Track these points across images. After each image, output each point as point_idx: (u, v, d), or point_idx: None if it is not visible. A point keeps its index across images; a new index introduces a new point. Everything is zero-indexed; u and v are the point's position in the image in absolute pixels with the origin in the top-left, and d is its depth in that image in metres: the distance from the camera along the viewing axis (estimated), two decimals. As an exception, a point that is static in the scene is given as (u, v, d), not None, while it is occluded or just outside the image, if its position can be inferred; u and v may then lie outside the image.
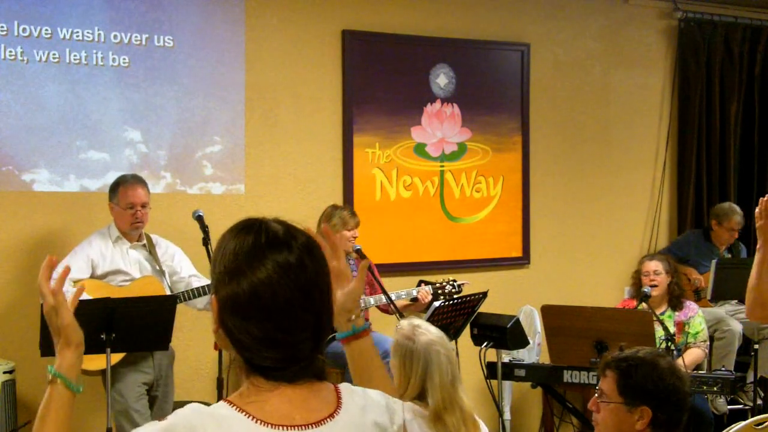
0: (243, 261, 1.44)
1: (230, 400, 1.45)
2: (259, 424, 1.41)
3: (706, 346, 5.39)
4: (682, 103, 6.86)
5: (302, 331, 1.45)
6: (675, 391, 2.56)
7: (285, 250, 1.45)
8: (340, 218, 5.15)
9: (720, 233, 6.30)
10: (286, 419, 1.43)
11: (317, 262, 1.48)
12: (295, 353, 1.45)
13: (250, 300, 1.42)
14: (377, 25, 5.70)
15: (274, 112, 5.42)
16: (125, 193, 4.46)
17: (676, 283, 5.41)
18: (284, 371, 1.44)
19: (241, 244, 1.46)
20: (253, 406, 1.43)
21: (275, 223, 1.51)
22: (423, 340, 2.95)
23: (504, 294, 6.00)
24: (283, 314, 1.43)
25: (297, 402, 1.45)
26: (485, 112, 6.09)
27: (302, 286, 1.44)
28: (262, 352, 1.43)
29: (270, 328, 1.42)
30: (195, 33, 5.18)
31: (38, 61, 4.79)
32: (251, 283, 1.42)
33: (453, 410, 2.87)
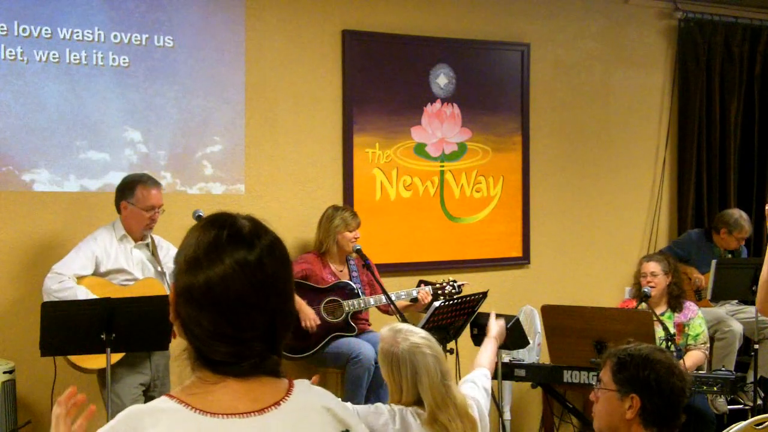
0: (202, 254, 1.46)
1: (171, 394, 1.47)
2: (198, 414, 1.43)
3: (706, 348, 5.38)
4: (682, 103, 6.86)
5: (253, 329, 1.46)
6: (667, 384, 2.59)
7: (246, 248, 1.46)
8: (341, 219, 5.16)
9: (728, 240, 6.25)
10: (228, 409, 1.44)
11: (278, 263, 1.49)
12: (243, 349, 1.45)
13: (204, 292, 1.44)
14: (377, 25, 5.70)
15: (274, 112, 5.42)
16: (147, 194, 4.43)
17: (675, 283, 5.40)
18: (232, 366, 1.46)
19: (204, 237, 1.48)
20: (194, 398, 1.45)
21: (244, 219, 1.51)
22: (405, 345, 2.95)
23: (504, 294, 6.00)
24: (235, 311, 1.44)
25: (241, 393, 1.46)
26: (485, 112, 6.09)
27: (257, 284, 1.45)
28: (211, 345, 1.45)
29: (220, 323, 1.44)
30: (195, 33, 5.18)
31: (38, 61, 4.79)
32: (207, 276, 1.44)
33: (446, 407, 2.88)
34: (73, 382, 4.55)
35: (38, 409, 4.70)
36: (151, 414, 1.44)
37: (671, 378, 2.61)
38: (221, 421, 1.43)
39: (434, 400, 2.87)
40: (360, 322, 5.17)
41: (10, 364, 4.42)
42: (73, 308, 4.01)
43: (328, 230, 5.16)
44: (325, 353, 5.04)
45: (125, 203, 4.45)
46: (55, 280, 4.25)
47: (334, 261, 5.22)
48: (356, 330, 5.10)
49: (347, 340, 5.03)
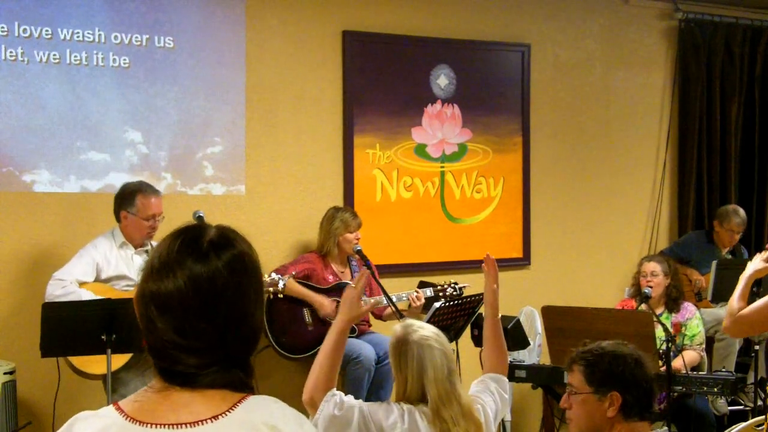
0: (157, 262, 1.48)
1: (116, 402, 1.49)
2: (126, 421, 1.44)
3: (702, 349, 5.38)
4: (683, 104, 6.86)
5: (199, 340, 1.45)
6: (640, 374, 2.65)
7: (201, 261, 1.46)
8: (341, 221, 5.15)
9: (721, 234, 6.31)
10: (156, 418, 1.44)
11: (235, 279, 1.48)
12: (200, 360, 1.45)
13: (157, 299, 1.46)
14: (378, 25, 5.70)
15: (274, 113, 5.42)
16: (146, 203, 4.42)
17: (674, 285, 5.40)
18: (182, 375, 1.45)
19: (163, 246, 1.50)
20: (131, 405, 1.47)
21: (214, 230, 1.52)
22: (415, 337, 2.96)
23: (504, 295, 5.91)
24: (182, 319, 1.45)
25: (179, 404, 1.45)
26: (486, 112, 6.09)
27: (207, 299, 1.45)
28: (162, 352, 1.46)
29: (168, 330, 1.45)
30: (195, 34, 5.18)
31: (39, 61, 4.79)
32: (157, 286, 1.46)
33: (450, 404, 2.88)
34: (78, 386, 4.57)
35: (39, 410, 4.70)
36: (86, 419, 1.47)
37: (642, 368, 2.67)
38: (147, 429, 1.43)
39: (438, 394, 2.87)
40: (361, 323, 5.17)
41: (11, 365, 4.42)
42: (74, 309, 4.01)
43: (329, 232, 5.16)
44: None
45: (125, 213, 4.44)
46: (57, 285, 4.24)
47: (336, 262, 5.22)
48: (357, 331, 5.10)
49: (348, 341, 5.00)
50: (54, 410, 4.45)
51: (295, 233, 5.44)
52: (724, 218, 6.31)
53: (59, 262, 4.56)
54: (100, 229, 4.69)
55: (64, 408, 4.56)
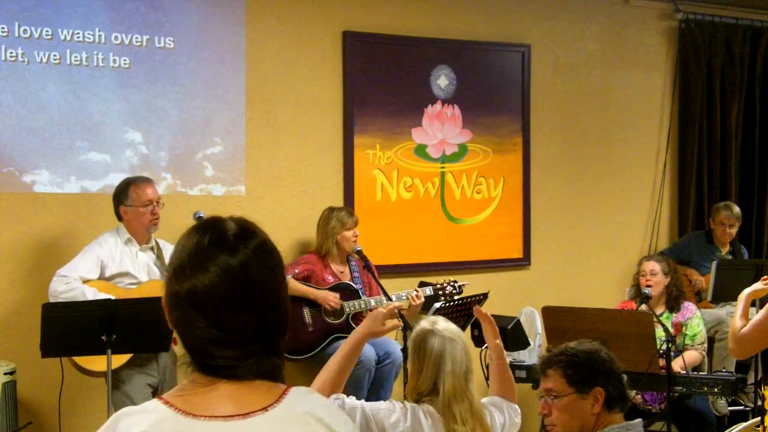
0: (187, 260, 1.48)
1: (161, 396, 1.49)
2: (180, 415, 1.43)
3: (703, 349, 5.38)
4: (683, 105, 6.86)
5: (241, 332, 1.46)
6: (616, 367, 2.70)
7: (228, 252, 1.47)
8: (337, 220, 5.16)
9: (716, 231, 6.36)
10: (210, 411, 1.44)
11: (264, 266, 1.50)
12: (238, 353, 1.46)
13: (189, 299, 1.46)
14: (378, 26, 5.70)
15: (274, 114, 5.42)
16: (141, 191, 4.44)
17: (674, 284, 5.40)
18: (224, 369, 1.46)
19: (191, 243, 1.50)
20: (180, 399, 1.46)
21: (232, 222, 1.53)
22: (440, 328, 2.98)
23: (505, 295, 6.00)
24: (221, 314, 1.45)
25: (228, 396, 1.46)
26: (486, 113, 6.09)
27: (242, 288, 1.46)
28: (203, 349, 1.46)
29: (209, 327, 1.45)
30: (196, 34, 5.18)
31: (39, 62, 4.79)
32: (191, 283, 1.46)
33: (462, 401, 2.89)
34: (80, 384, 4.57)
35: (39, 410, 4.70)
36: (135, 414, 1.45)
37: (613, 360, 2.72)
38: (201, 422, 1.43)
39: (453, 388, 2.88)
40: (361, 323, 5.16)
41: (11, 365, 4.42)
42: (74, 309, 4.01)
43: (326, 232, 5.16)
44: (325, 355, 5.03)
45: (123, 207, 4.46)
46: (61, 282, 4.25)
47: (335, 262, 5.22)
48: (357, 331, 5.09)
49: (348, 341, 5.01)
50: (59, 408, 4.45)
51: (295, 233, 5.44)
52: (714, 213, 6.39)
53: (59, 263, 4.56)
54: (100, 229, 4.69)
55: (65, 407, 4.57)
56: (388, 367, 5.12)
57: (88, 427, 4.78)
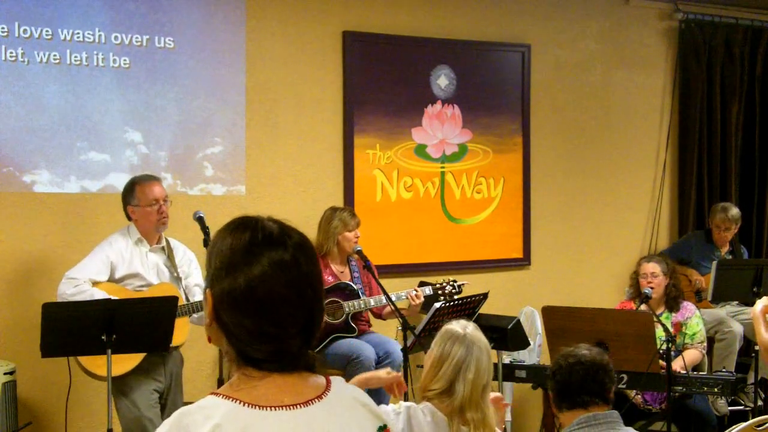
0: (239, 257, 1.50)
1: (217, 392, 1.51)
2: (246, 407, 1.47)
3: (703, 348, 5.39)
4: (683, 104, 6.86)
5: (294, 326, 1.51)
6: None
7: (280, 248, 1.51)
8: (340, 220, 5.15)
9: (713, 232, 6.35)
10: (274, 401, 1.49)
11: (310, 261, 1.55)
12: (286, 346, 1.51)
13: (245, 295, 1.48)
14: (378, 26, 5.71)
15: (274, 114, 5.43)
16: (147, 189, 4.39)
17: (673, 284, 5.41)
18: (275, 363, 1.51)
19: (237, 241, 1.52)
20: (241, 393, 1.49)
21: (269, 221, 1.57)
22: (473, 335, 2.97)
23: (505, 295, 6.00)
24: (277, 309, 1.49)
25: (286, 387, 1.51)
26: (486, 113, 6.09)
27: (295, 283, 1.51)
28: (255, 345, 1.50)
29: (264, 323, 1.49)
30: (196, 34, 5.18)
31: (39, 62, 4.79)
32: (247, 278, 1.48)
33: (477, 410, 2.88)
34: (85, 387, 4.57)
35: (39, 410, 4.70)
36: (202, 410, 1.47)
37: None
38: (269, 413, 1.48)
39: (471, 395, 2.87)
40: (360, 323, 5.17)
41: (11, 365, 4.42)
42: (74, 309, 4.00)
43: (328, 232, 5.16)
44: (325, 354, 5.03)
45: (131, 208, 4.41)
46: (69, 284, 4.21)
47: (335, 262, 5.22)
48: (357, 331, 5.10)
49: (348, 341, 5.02)
50: (66, 411, 4.44)
51: (296, 233, 5.44)
52: (712, 215, 6.40)
53: (59, 263, 4.56)
54: (99, 229, 4.69)
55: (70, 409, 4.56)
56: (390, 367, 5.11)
57: (90, 428, 4.78)
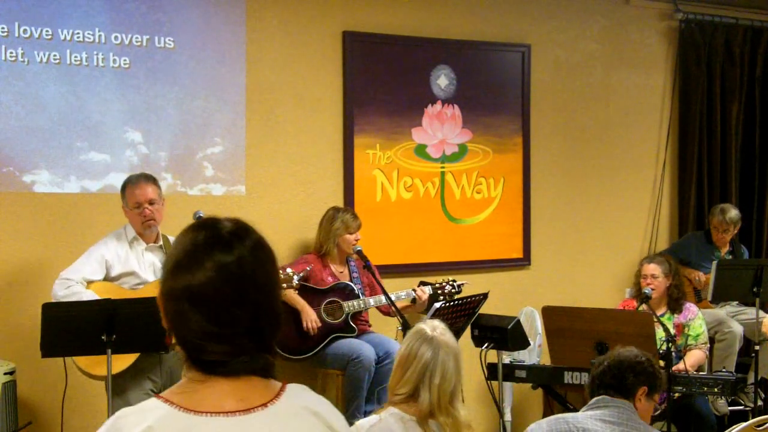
0: (183, 258, 1.51)
1: (159, 395, 1.50)
2: (182, 411, 1.45)
3: (706, 348, 5.39)
4: (683, 105, 6.86)
5: (236, 325, 1.48)
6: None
7: (223, 249, 1.50)
8: (342, 221, 5.16)
9: (712, 232, 6.35)
10: (213, 407, 1.46)
11: (259, 263, 1.53)
12: (231, 348, 1.48)
13: (185, 294, 1.48)
14: (378, 26, 5.71)
15: (274, 114, 5.43)
16: (132, 192, 4.42)
17: (675, 286, 5.39)
18: (221, 365, 1.48)
19: (184, 241, 1.53)
20: (180, 397, 1.48)
21: (228, 222, 1.55)
22: (440, 339, 2.90)
23: (505, 295, 6.00)
24: (216, 309, 1.48)
25: (229, 393, 1.48)
26: (486, 113, 6.09)
27: (237, 284, 1.49)
28: (199, 345, 1.48)
29: (204, 322, 1.47)
30: (196, 34, 5.18)
31: (39, 62, 4.79)
32: (187, 280, 1.48)
33: (447, 416, 2.82)
34: (82, 388, 4.57)
35: (39, 410, 4.70)
36: (137, 414, 1.47)
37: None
38: (205, 418, 1.45)
39: (438, 400, 2.81)
40: (360, 323, 5.17)
41: (11, 365, 4.42)
42: (74, 309, 4.00)
43: (329, 232, 5.16)
44: (325, 354, 5.04)
45: (123, 206, 4.47)
46: (62, 285, 4.24)
47: (335, 262, 5.22)
48: (356, 331, 5.10)
49: (347, 341, 5.03)
50: (62, 411, 4.45)
51: (296, 233, 5.45)
52: (710, 216, 6.40)
53: (59, 263, 4.56)
54: (100, 229, 4.70)
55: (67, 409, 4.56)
56: (387, 367, 5.10)
57: (88, 428, 4.78)
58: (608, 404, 3.08)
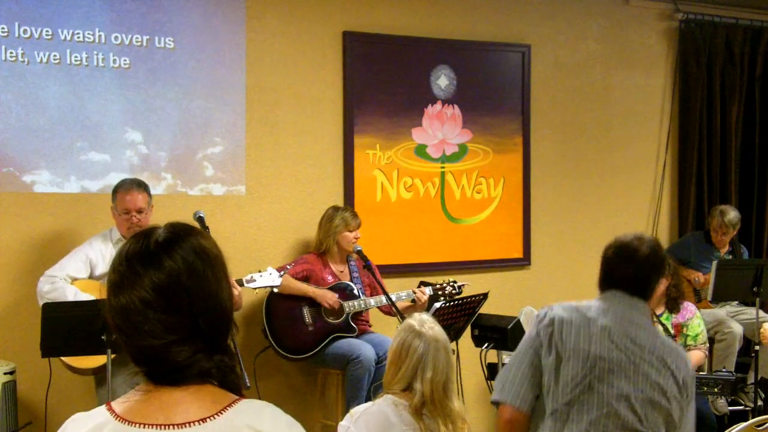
0: (116, 277, 1.50)
1: (109, 401, 1.52)
2: (116, 420, 1.47)
3: (706, 348, 5.38)
4: (683, 105, 6.86)
5: (172, 332, 1.46)
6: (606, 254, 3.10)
7: (153, 264, 1.48)
8: (341, 219, 5.16)
9: (711, 233, 6.35)
10: (145, 418, 1.45)
11: (193, 271, 1.49)
12: (169, 355, 1.46)
13: (124, 311, 1.48)
14: (378, 26, 5.71)
15: (274, 114, 5.43)
16: (122, 198, 4.47)
17: (674, 285, 5.38)
18: (165, 375, 1.48)
19: (118, 260, 1.52)
20: (121, 405, 1.49)
21: (162, 231, 1.53)
22: (429, 333, 2.94)
23: (505, 295, 6.00)
24: (153, 322, 1.46)
25: (168, 404, 1.46)
26: (486, 113, 6.09)
27: (171, 296, 1.47)
28: (140, 356, 1.49)
29: (146, 335, 1.46)
30: (196, 34, 5.18)
31: (39, 62, 4.79)
32: (124, 297, 1.48)
33: (443, 407, 2.86)
34: (69, 382, 4.57)
35: (39, 409, 4.70)
36: (81, 419, 1.51)
37: (609, 250, 3.10)
38: (134, 429, 1.45)
39: (431, 394, 2.85)
40: (360, 323, 5.18)
41: (11, 365, 4.42)
42: (74, 309, 4.01)
43: (329, 230, 5.17)
44: (325, 354, 5.04)
45: (112, 208, 4.53)
46: (47, 282, 4.32)
47: (335, 261, 5.22)
48: (357, 331, 5.10)
49: (348, 341, 5.03)
50: (46, 407, 4.47)
51: (296, 233, 5.45)
52: (710, 217, 6.40)
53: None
54: (100, 229, 4.70)
55: (57, 406, 4.58)
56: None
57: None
58: (623, 301, 2.92)
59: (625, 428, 2.58)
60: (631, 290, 2.88)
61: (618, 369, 2.65)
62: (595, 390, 2.62)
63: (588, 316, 2.77)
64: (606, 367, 2.65)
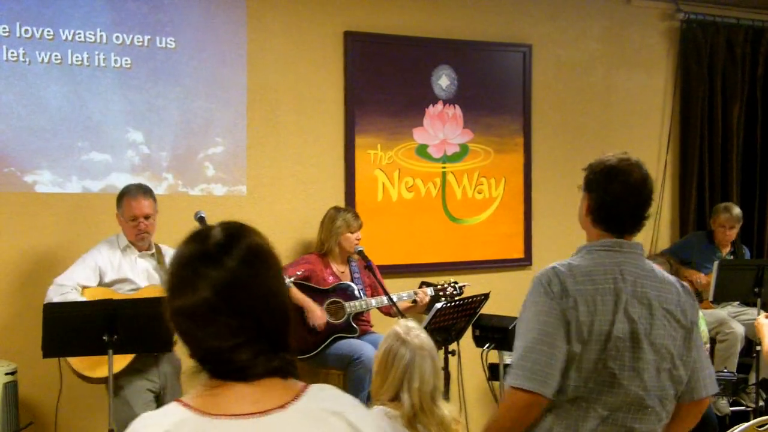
0: (176, 280, 1.52)
1: (179, 399, 1.52)
2: (199, 415, 1.47)
3: (707, 349, 5.39)
4: (684, 104, 6.86)
5: (242, 335, 1.49)
6: (608, 186, 2.80)
7: (213, 265, 1.49)
8: (343, 220, 5.16)
9: (716, 232, 6.35)
10: (229, 410, 1.47)
11: (254, 272, 1.51)
12: (244, 355, 1.49)
13: (186, 314, 1.50)
14: (379, 26, 5.70)
15: (276, 114, 5.43)
16: (129, 204, 4.44)
17: (675, 285, 5.39)
18: (233, 372, 1.50)
19: (177, 261, 1.53)
20: (199, 400, 1.49)
21: (218, 232, 1.54)
22: (415, 342, 2.91)
23: (506, 295, 5.97)
24: (219, 324, 1.48)
25: (245, 395, 1.49)
26: (487, 113, 6.09)
27: (233, 297, 1.49)
28: (207, 357, 1.51)
29: (211, 337, 1.49)
30: (197, 34, 5.18)
31: (40, 62, 4.79)
32: (184, 300, 1.49)
33: (432, 415, 2.83)
34: (79, 389, 4.57)
35: (40, 410, 4.70)
36: (160, 416, 1.49)
37: (612, 182, 2.76)
38: (221, 422, 1.46)
39: (421, 404, 2.82)
40: (362, 323, 5.17)
41: (13, 365, 4.42)
42: (75, 309, 4.01)
43: (330, 231, 5.17)
44: (326, 354, 5.04)
45: (118, 214, 4.49)
46: (57, 291, 4.26)
47: (336, 262, 5.22)
48: (358, 331, 5.10)
49: (349, 342, 5.03)
50: (56, 413, 4.46)
51: (297, 234, 5.44)
52: (714, 215, 6.41)
53: (61, 263, 4.56)
54: (101, 229, 4.70)
55: (66, 410, 4.57)
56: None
57: (86, 429, 4.78)
58: (625, 249, 2.83)
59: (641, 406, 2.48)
60: (630, 229, 2.79)
61: (635, 346, 2.48)
62: (616, 376, 2.48)
63: (601, 288, 2.61)
64: (623, 346, 2.47)
